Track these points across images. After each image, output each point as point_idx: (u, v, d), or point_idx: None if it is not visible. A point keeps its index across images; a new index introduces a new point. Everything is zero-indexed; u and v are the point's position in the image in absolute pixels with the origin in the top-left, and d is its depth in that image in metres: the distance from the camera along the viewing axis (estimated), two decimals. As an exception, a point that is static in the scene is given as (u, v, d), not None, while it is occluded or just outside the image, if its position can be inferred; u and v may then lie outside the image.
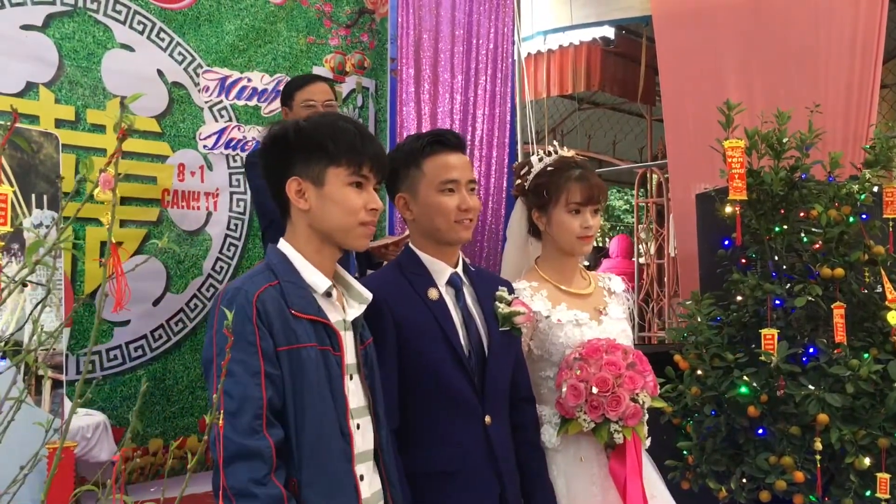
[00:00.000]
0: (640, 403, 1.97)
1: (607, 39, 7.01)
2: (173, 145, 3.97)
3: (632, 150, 9.00)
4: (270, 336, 1.52)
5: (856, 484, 2.71)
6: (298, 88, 3.29)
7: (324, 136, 1.62)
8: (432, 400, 1.87)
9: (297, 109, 3.25)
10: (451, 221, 1.91)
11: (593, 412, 1.96)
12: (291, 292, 1.58)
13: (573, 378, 1.98)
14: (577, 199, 2.14)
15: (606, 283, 2.31)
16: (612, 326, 2.17)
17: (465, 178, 1.93)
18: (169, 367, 3.96)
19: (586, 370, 1.97)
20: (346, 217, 1.63)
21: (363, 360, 1.71)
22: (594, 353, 2.00)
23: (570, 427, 2.03)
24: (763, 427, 2.88)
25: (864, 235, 3.03)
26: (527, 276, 2.24)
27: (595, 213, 2.17)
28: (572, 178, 2.16)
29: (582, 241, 2.16)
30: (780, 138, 3.13)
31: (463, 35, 5.04)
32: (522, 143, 5.74)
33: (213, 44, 4.13)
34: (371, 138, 1.68)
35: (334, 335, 1.60)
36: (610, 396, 1.94)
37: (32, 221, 2.46)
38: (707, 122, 4.70)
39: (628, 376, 1.96)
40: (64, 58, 3.63)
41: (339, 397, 1.58)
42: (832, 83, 4.42)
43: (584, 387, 1.95)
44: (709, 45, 4.92)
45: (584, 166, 2.23)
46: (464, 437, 1.88)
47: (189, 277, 4.03)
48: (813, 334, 3.03)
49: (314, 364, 1.55)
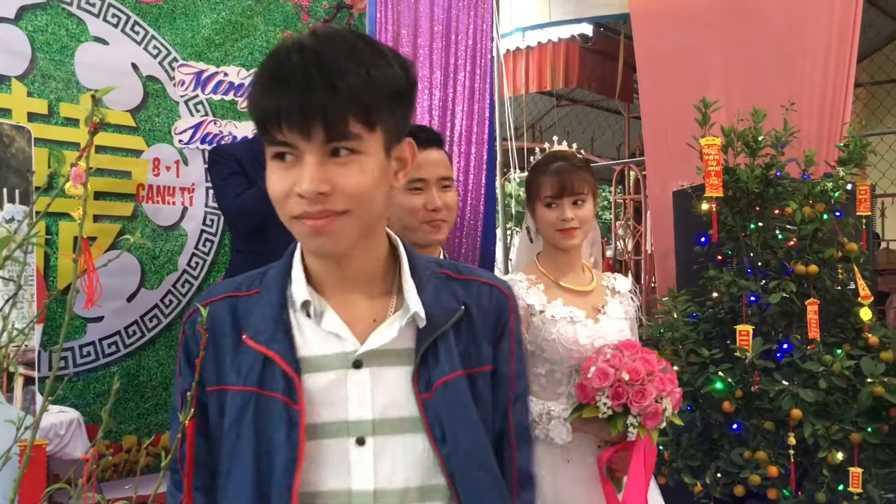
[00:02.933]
0: (663, 408, 1.95)
1: (586, 37, 7.03)
2: (148, 140, 3.92)
3: (610, 147, 9.04)
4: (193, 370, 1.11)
5: (829, 478, 2.75)
6: None
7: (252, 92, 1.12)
8: None
9: None
10: (419, 222, 1.88)
11: (616, 399, 1.93)
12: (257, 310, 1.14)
13: (603, 362, 1.97)
14: (548, 193, 2.12)
15: (611, 282, 2.27)
16: (609, 326, 2.14)
17: (434, 175, 1.88)
18: (143, 364, 3.91)
19: (619, 358, 1.96)
20: (277, 210, 1.10)
21: (423, 411, 1.09)
22: (630, 347, 2.00)
23: (585, 411, 1.99)
24: (738, 422, 2.90)
25: (838, 233, 3.06)
26: (526, 269, 2.23)
27: (577, 204, 2.12)
28: (545, 172, 2.14)
29: (562, 234, 2.11)
30: (755, 136, 3.16)
31: (442, 31, 5.03)
32: (501, 139, 5.74)
33: (188, 37, 4.09)
34: (299, 71, 1.03)
35: (290, 380, 1.08)
36: (637, 387, 1.92)
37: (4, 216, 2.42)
38: (684, 120, 4.72)
39: (660, 377, 1.95)
40: (37, 50, 3.57)
41: None
42: (807, 82, 4.46)
43: (613, 372, 1.93)
44: (687, 44, 4.95)
45: (568, 159, 2.18)
46: None
47: (164, 273, 3.99)
48: (787, 330, 3.06)
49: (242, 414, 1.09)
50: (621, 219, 7.31)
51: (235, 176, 3.10)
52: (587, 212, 2.14)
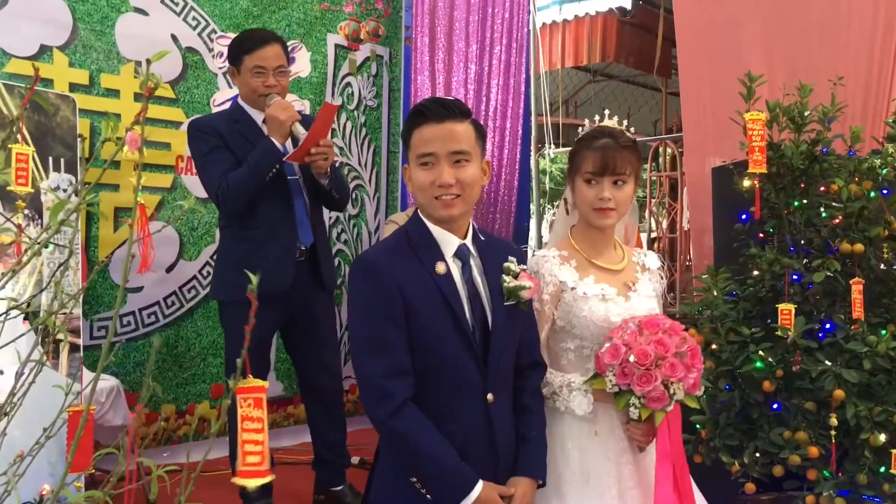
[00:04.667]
0: (671, 393, 1.94)
1: (624, 10, 6.90)
2: (187, 111, 3.95)
3: (646, 123, 8.93)
4: None
5: (870, 460, 2.70)
6: (248, 52, 3.01)
7: None
8: (435, 376, 1.84)
9: (245, 75, 3.01)
10: (430, 197, 1.85)
11: (621, 378, 1.93)
12: None
13: (619, 339, 1.96)
14: (589, 169, 2.07)
15: (641, 259, 2.25)
16: (639, 304, 2.12)
17: (444, 150, 1.83)
18: (181, 334, 3.97)
19: (635, 337, 1.94)
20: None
21: None
22: (652, 326, 1.97)
23: (595, 382, 2.01)
24: (778, 402, 2.87)
25: (885, 211, 2.99)
26: (559, 244, 2.20)
27: (616, 185, 2.09)
28: (591, 147, 2.09)
29: (598, 213, 2.08)
30: (801, 111, 3.09)
31: (478, 3, 4.98)
32: (536, 114, 5.69)
33: (227, 9, 4.09)
34: None
35: None
36: (643, 371, 1.92)
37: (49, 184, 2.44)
38: (724, 95, 4.64)
39: (671, 362, 1.92)
40: (78, 21, 3.60)
41: None
42: (852, 56, 4.35)
43: (624, 350, 1.92)
44: (728, 17, 4.85)
45: (615, 136, 2.11)
46: (465, 413, 1.86)
47: (202, 245, 4.03)
48: (830, 310, 3.01)
49: None
50: (656, 195, 7.23)
51: (218, 151, 2.97)
52: (626, 194, 2.10)
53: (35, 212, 2.37)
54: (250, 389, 1.07)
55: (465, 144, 1.85)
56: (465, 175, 1.85)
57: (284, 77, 3.07)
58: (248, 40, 3.07)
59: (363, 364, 1.82)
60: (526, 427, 1.97)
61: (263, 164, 2.88)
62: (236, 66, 3.06)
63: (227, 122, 3.05)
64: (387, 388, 1.76)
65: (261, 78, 3.00)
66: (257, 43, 3.02)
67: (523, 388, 2.00)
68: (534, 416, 2.00)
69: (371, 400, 1.80)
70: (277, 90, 3.02)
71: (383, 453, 1.95)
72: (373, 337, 1.80)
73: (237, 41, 3.10)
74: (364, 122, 4.77)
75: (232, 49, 3.09)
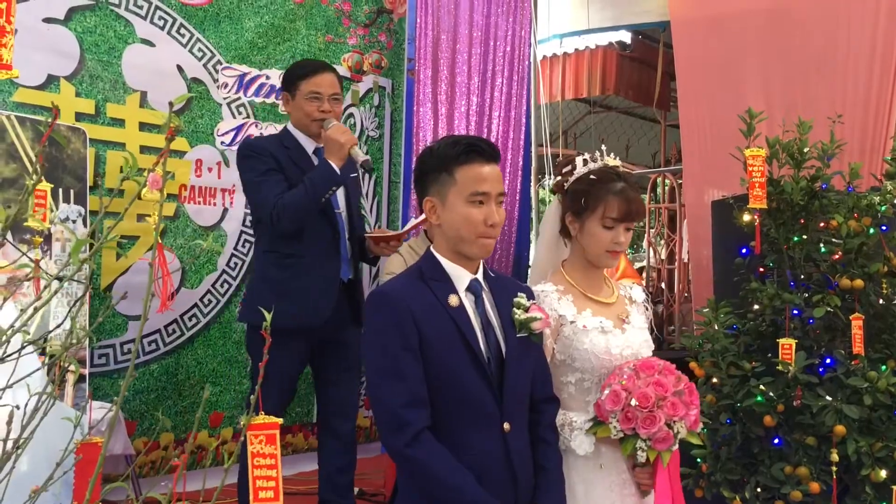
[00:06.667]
0: (675, 432, 1.96)
1: (623, 44, 7.00)
2: (191, 141, 3.98)
3: (643, 155, 8.99)
4: None
5: (871, 496, 2.71)
6: (305, 77, 3.06)
7: None
8: (452, 406, 1.86)
9: (300, 101, 3.06)
10: (476, 235, 1.89)
11: (625, 423, 1.95)
12: None
13: (618, 385, 1.97)
14: (613, 215, 2.10)
15: (628, 292, 2.29)
16: (634, 336, 2.16)
17: (495, 190, 1.90)
18: (181, 362, 3.97)
19: (633, 381, 1.96)
20: None
21: None
22: (647, 368, 1.99)
23: (599, 430, 2.02)
24: (779, 437, 2.87)
25: (885, 247, 3.02)
26: (553, 278, 2.22)
27: (628, 231, 2.15)
28: (612, 192, 2.11)
29: (610, 255, 2.13)
30: (800, 148, 3.13)
31: (480, 37, 5.04)
32: (536, 145, 5.74)
33: (232, 40, 4.14)
34: None
35: None
36: (646, 413, 1.93)
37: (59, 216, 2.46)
38: (723, 129, 4.69)
39: (671, 402, 1.95)
40: (85, 51, 3.64)
41: None
42: (850, 93, 4.41)
43: (625, 396, 1.94)
44: (727, 52, 4.92)
45: (627, 180, 2.17)
46: (482, 443, 1.87)
47: (204, 273, 4.04)
48: (830, 345, 3.02)
49: None
50: (655, 227, 7.27)
51: (273, 173, 2.98)
52: (630, 237, 2.18)
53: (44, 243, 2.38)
54: (262, 426, 1.08)
55: (503, 186, 1.91)
56: (503, 216, 1.94)
57: (338, 104, 3.13)
58: (304, 67, 3.14)
59: (380, 393, 1.83)
60: (544, 458, 1.98)
61: (321, 185, 2.90)
62: (291, 92, 3.10)
63: (278, 147, 3.08)
64: (404, 417, 1.77)
65: (316, 103, 3.04)
66: (314, 69, 3.09)
67: (539, 422, 2.02)
68: (550, 448, 2.02)
69: (388, 429, 1.81)
70: (332, 116, 3.06)
71: (402, 484, 1.95)
72: (389, 366, 1.81)
73: (293, 68, 3.18)
74: (366, 152, 4.80)
75: (287, 76, 3.15)
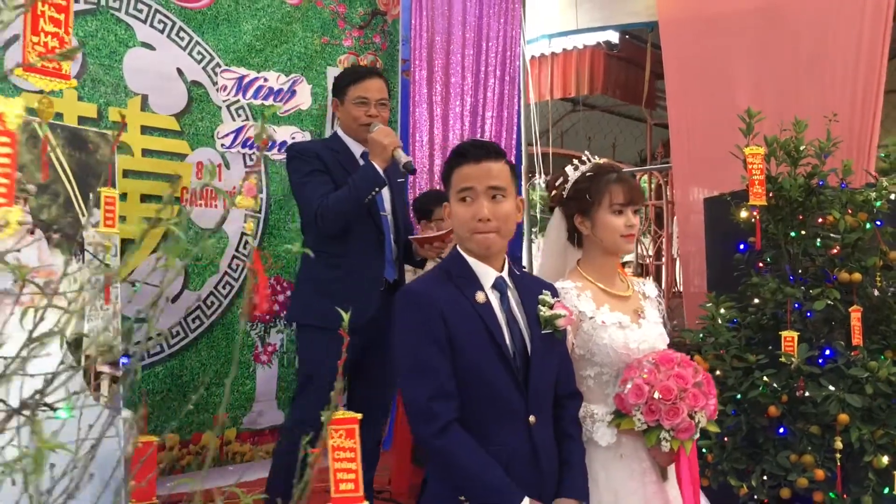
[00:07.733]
0: (696, 422, 2.03)
1: (611, 44, 7.09)
2: (192, 143, 3.99)
3: (630, 153, 9.10)
4: None
5: (874, 482, 2.80)
6: (353, 83, 3.13)
7: None
8: (478, 400, 1.91)
9: (348, 106, 3.12)
10: (469, 231, 1.95)
11: (649, 415, 2.02)
12: None
13: (640, 378, 2.04)
14: (619, 200, 2.20)
15: (641, 287, 2.37)
16: (650, 330, 2.24)
17: (481, 185, 1.93)
18: (185, 364, 3.97)
19: (654, 375, 2.03)
20: None
21: None
22: (667, 362, 2.06)
23: (623, 423, 2.08)
24: (783, 426, 2.96)
25: (880, 241, 3.11)
26: (570, 276, 2.29)
27: (636, 213, 2.24)
28: (613, 181, 2.22)
29: (626, 238, 2.22)
30: (797, 146, 3.22)
31: (473, 38, 5.10)
32: (526, 144, 5.80)
33: (230, 43, 4.15)
34: None
35: None
36: (669, 405, 2.00)
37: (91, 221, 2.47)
38: (713, 129, 4.79)
39: (693, 393, 2.02)
40: (87, 56, 3.64)
41: None
42: (838, 91, 4.52)
43: (647, 389, 2.01)
44: (715, 52, 5.01)
45: (619, 170, 2.30)
46: (508, 436, 1.92)
47: (206, 275, 4.05)
48: (829, 337, 3.11)
49: None
50: (643, 224, 7.36)
51: (318, 174, 3.02)
52: (639, 220, 2.28)
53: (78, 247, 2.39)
54: (343, 421, 1.12)
55: (501, 181, 1.94)
56: (502, 210, 1.95)
57: (385, 109, 3.17)
58: (352, 73, 3.20)
59: (409, 387, 1.89)
60: (568, 453, 2.04)
61: (364, 186, 2.92)
62: (340, 98, 3.16)
63: (324, 149, 3.12)
64: (432, 409, 1.83)
65: (363, 108, 3.09)
66: (362, 75, 3.16)
67: (563, 417, 2.08)
68: (574, 442, 2.07)
69: (417, 421, 1.87)
70: (379, 121, 3.11)
71: (431, 473, 2.00)
72: (418, 361, 1.87)
73: (343, 75, 3.24)
74: (362, 153, 4.84)
75: (337, 82, 3.22)
